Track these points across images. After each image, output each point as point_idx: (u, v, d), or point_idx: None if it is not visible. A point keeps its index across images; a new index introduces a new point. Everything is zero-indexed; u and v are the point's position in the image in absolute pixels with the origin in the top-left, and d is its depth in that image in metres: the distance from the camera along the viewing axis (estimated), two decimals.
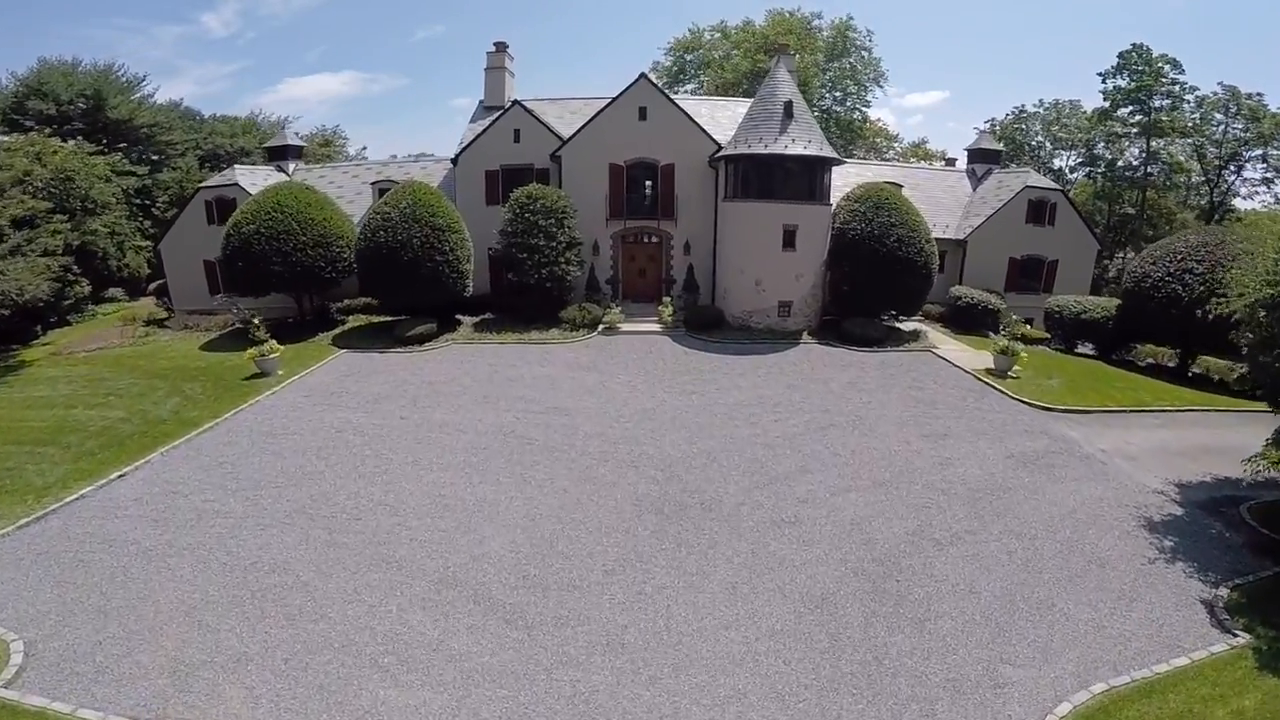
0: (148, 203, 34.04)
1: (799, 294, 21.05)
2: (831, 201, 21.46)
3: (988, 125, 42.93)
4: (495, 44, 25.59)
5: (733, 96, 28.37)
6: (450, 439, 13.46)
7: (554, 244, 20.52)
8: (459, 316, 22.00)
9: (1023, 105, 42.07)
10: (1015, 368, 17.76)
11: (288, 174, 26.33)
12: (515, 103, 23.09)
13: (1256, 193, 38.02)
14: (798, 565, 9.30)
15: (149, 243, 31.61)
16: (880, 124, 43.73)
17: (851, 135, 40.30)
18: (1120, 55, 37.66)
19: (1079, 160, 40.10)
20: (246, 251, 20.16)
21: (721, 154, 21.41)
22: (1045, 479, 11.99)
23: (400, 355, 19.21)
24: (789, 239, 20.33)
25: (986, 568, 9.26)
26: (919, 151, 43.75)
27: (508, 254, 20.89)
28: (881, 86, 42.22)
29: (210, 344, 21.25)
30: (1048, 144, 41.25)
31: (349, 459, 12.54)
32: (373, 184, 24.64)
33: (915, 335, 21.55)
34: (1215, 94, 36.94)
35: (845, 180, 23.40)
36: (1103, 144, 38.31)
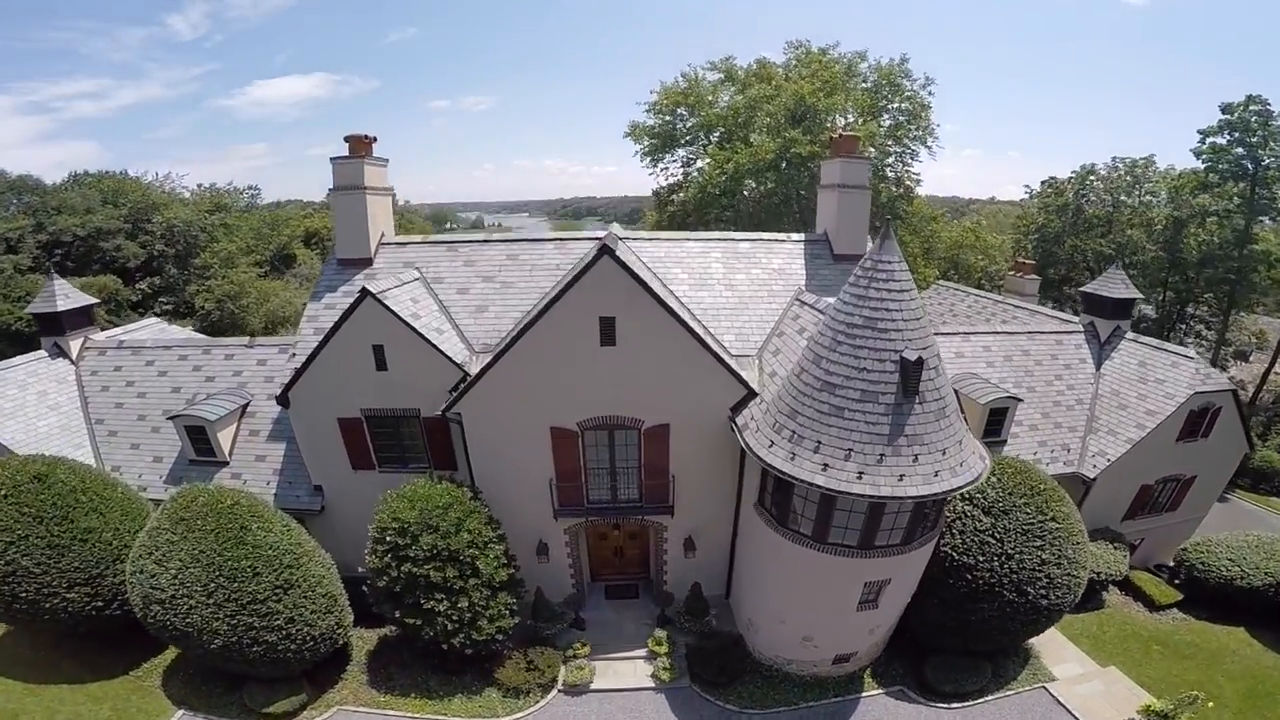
0: None
1: (868, 643, 11.96)
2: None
3: (1046, 186, 30.98)
4: (348, 140, 12.55)
5: (761, 234, 14.42)
6: None
7: (466, 603, 10.56)
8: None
9: (1092, 164, 29.92)
10: None
11: (70, 358, 14.98)
12: (363, 293, 10.68)
13: None
14: None
15: None
16: (923, 204, 29.77)
17: (890, 213, 26.62)
18: (1224, 107, 26.00)
19: (1154, 240, 28.27)
20: None
21: (756, 450, 9.74)
22: None
23: None
24: (871, 597, 10.78)
25: None
26: (971, 239, 30.86)
27: (389, 615, 10.88)
28: (929, 148, 27.69)
29: None
30: (1121, 213, 28.80)
31: None
32: (177, 416, 12.99)
33: (1022, 657, 13.15)
34: None
35: None
36: (1187, 220, 26.88)
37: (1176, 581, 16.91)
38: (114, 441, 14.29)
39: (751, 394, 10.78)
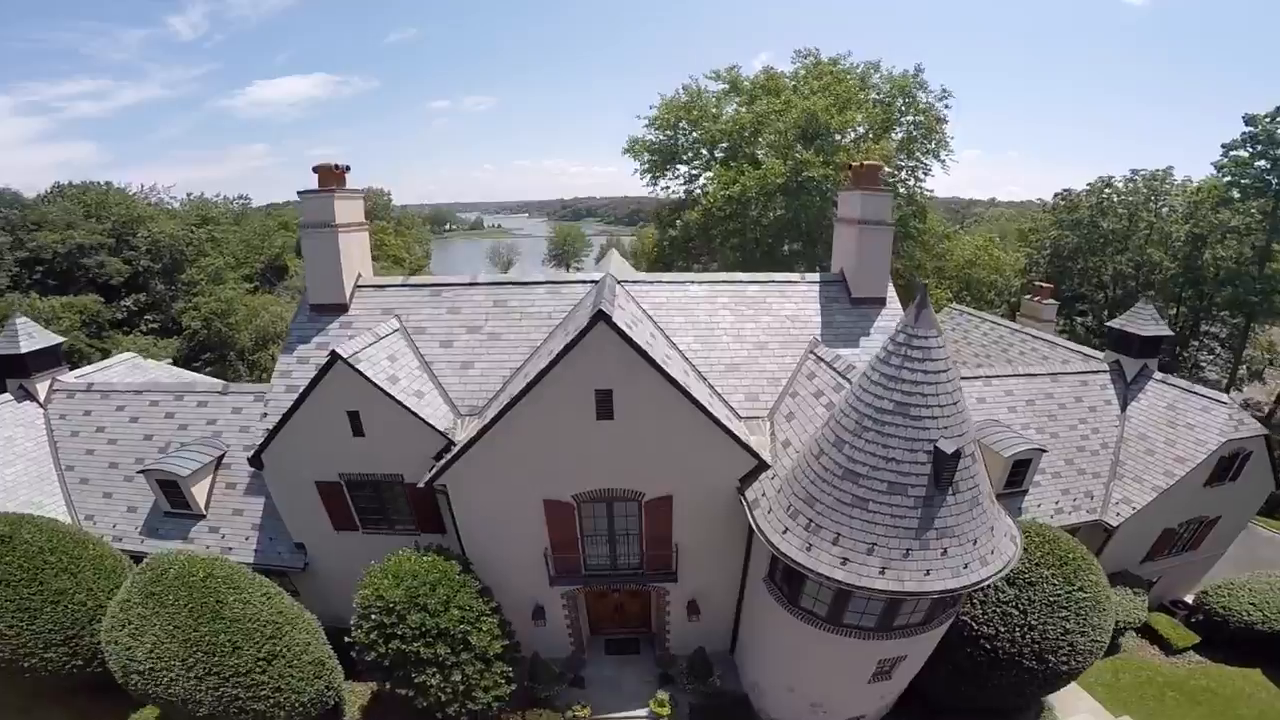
0: None
1: (877, 706, 11.37)
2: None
3: (1059, 199, 29.79)
4: (316, 171, 11.30)
5: (772, 275, 12.93)
6: None
7: (459, 676, 9.84)
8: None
9: (1110, 176, 28.62)
10: None
11: (38, 400, 14.07)
12: (333, 356, 9.52)
13: None
14: None
15: None
16: (936, 220, 28.73)
17: (902, 229, 25.16)
18: (1248, 119, 24.79)
19: (1171, 256, 27.06)
20: None
21: (768, 536, 8.79)
22: None
23: None
24: (884, 670, 10.11)
25: None
26: (985, 257, 29.53)
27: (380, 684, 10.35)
28: (942, 160, 26.35)
29: None
30: (1138, 228, 27.48)
31: None
32: (147, 470, 12.08)
33: (1034, 710, 12.64)
34: None
35: None
36: (1211, 240, 25.62)
37: (1194, 620, 16.28)
38: (86, 490, 13.49)
39: (763, 465, 9.85)
